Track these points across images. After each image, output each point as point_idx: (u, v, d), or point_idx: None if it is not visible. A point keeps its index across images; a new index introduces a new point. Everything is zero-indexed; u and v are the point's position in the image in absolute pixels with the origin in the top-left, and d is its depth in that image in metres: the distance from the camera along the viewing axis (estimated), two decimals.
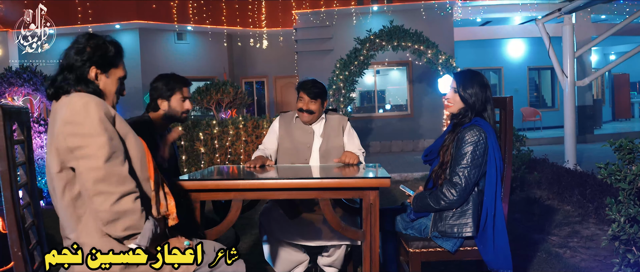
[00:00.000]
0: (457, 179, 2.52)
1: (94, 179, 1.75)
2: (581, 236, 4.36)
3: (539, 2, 14.39)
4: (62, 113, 1.81)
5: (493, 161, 2.54)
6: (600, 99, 18.84)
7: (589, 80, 8.22)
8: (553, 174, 6.28)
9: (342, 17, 13.87)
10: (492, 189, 2.55)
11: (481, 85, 2.63)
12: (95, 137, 1.77)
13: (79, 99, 1.81)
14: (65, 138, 1.78)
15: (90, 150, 1.76)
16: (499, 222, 2.55)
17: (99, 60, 1.95)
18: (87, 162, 1.76)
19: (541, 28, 7.72)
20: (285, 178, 2.48)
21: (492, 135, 2.56)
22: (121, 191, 1.78)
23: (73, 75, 1.91)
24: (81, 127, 1.77)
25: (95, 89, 1.93)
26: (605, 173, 2.58)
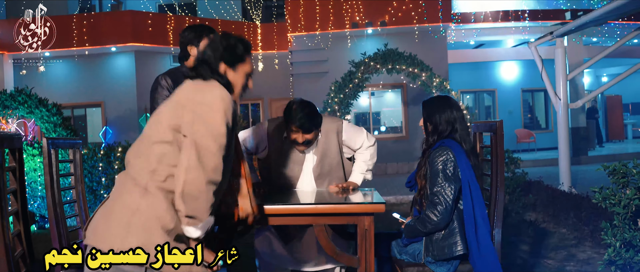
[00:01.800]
0: (437, 199, 2.54)
1: (199, 156, 1.90)
2: (577, 259, 4.33)
3: (531, 25, 14.56)
4: (199, 90, 2.04)
5: (465, 178, 2.56)
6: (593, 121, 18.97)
7: (582, 102, 8.27)
8: (548, 196, 6.27)
9: (337, 40, 13.97)
10: (469, 206, 2.55)
11: (445, 109, 2.69)
12: (216, 125, 1.96)
13: (219, 90, 2.04)
14: (193, 109, 1.98)
15: (209, 132, 1.94)
16: (482, 239, 2.53)
17: (227, 58, 2.16)
18: (202, 140, 1.93)
19: (534, 51, 7.79)
20: (280, 204, 2.46)
21: (460, 153, 2.60)
22: (213, 178, 1.93)
23: (208, 68, 2.14)
24: (210, 110, 1.97)
25: (226, 81, 2.15)
26: (600, 197, 2.58)
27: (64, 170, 5.10)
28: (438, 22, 13.65)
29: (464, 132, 2.69)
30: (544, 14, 14.59)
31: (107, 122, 14.41)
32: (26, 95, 6.87)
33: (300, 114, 2.95)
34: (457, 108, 2.72)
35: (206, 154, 1.92)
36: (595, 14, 6.97)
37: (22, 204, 2.07)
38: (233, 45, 2.19)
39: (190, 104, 2.00)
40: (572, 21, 7.76)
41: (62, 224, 2.80)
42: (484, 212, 2.56)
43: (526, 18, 14.40)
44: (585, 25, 7.58)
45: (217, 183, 1.96)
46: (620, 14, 7.32)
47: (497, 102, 17.51)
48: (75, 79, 14.71)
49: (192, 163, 1.90)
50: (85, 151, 6.83)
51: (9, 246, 1.83)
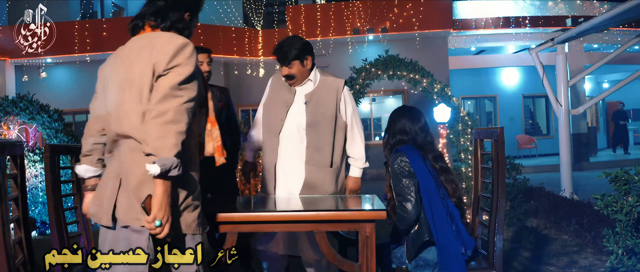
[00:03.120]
0: (402, 197, 2.66)
1: (163, 95, 1.86)
2: (580, 266, 4.32)
3: (532, 31, 14.58)
4: (168, 43, 1.95)
5: (421, 178, 2.67)
6: (595, 127, 18.94)
7: (583, 108, 8.27)
8: (549, 203, 6.26)
9: (338, 46, 13.99)
10: (427, 204, 2.65)
11: (400, 119, 2.86)
12: (186, 67, 1.93)
13: (182, 39, 1.99)
14: (165, 64, 1.91)
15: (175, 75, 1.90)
16: (441, 235, 2.61)
17: (192, 7, 2.17)
18: (165, 82, 1.89)
19: (535, 57, 7.80)
20: (281, 211, 2.46)
21: (414, 155, 2.72)
22: (176, 120, 1.85)
23: (173, 13, 2.10)
24: (180, 58, 1.93)
25: (189, 32, 2.16)
26: (602, 204, 2.58)
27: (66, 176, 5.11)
28: (439, 28, 13.68)
29: (423, 140, 2.82)
30: (545, 21, 14.62)
31: None
32: (28, 101, 6.88)
33: (280, 44, 2.99)
34: (415, 119, 2.85)
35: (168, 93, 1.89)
36: (596, 21, 6.98)
37: (23, 210, 2.07)
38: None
39: (164, 56, 1.94)
40: (573, 28, 7.77)
41: (63, 230, 2.80)
42: (439, 207, 2.65)
43: (527, 24, 14.43)
44: (586, 31, 7.59)
45: (184, 124, 1.88)
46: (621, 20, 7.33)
47: (498, 108, 17.50)
48: (77, 85, 14.73)
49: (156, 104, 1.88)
50: None
51: (10, 252, 1.83)
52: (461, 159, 7.08)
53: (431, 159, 2.80)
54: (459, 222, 2.70)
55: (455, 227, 2.67)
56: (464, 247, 2.63)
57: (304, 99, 3.07)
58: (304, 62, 3.05)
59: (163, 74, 1.93)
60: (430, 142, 2.85)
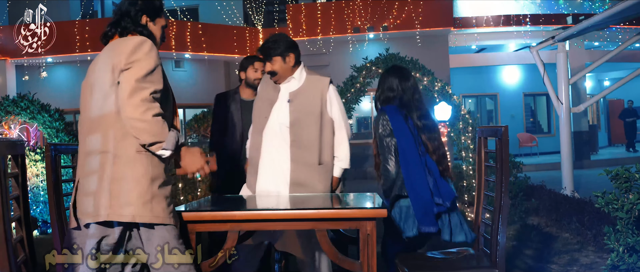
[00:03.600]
0: (383, 156, 2.94)
1: (128, 86, 2.04)
2: (581, 264, 4.32)
3: (532, 29, 14.57)
4: (125, 44, 2.14)
5: (398, 136, 2.89)
6: (596, 125, 18.93)
7: (584, 106, 8.26)
8: (551, 201, 6.25)
9: (339, 45, 13.99)
10: (403, 160, 2.86)
11: (386, 79, 3.10)
12: (144, 63, 2.10)
13: (139, 38, 2.18)
14: (125, 60, 2.09)
15: (135, 70, 2.08)
16: (414, 182, 2.80)
17: (148, 10, 2.31)
18: (129, 77, 2.06)
19: (535, 55, 7.79)
20: (282, 209, 2.47)
21: (395, 114, 2.94)
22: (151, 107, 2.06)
23: (130, 20, 2.27)
24: (136, 55, 2.10)
25: (148, 33, 2.29)
26: (603, 202, 2.58)
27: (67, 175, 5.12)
28: (440, 26, 13.68)
29: (410, 99, 3.02)
30: (546, 19, 14.60)
31: None
32: (28, 100, 6.89)
33: (263, 42, 3.14)
34: (403, 78, 3.06)
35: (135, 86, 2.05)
36: (597, 18, 6.98)
37: (25, 210, 2.07)
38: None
39: (123, 56, 2.11)
40: (574, 25, 7.77)
41: (64, 229, 2.81)
42: (414, 162, 2.84)
43: (528, 22, 14.42)
44: (587, 29, 7.58)
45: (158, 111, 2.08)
46: (622, 18, 7.31)
47: (499, 106, 17.50)
48: (78, 84, 14.57)
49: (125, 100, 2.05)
50: None
51: (11, 251, 1.83)
52: (462, 157, 7.08)
53: (416, 117, 2.96)
54: (437, 177, 2.86)
55: (433, 181, 2.83)
56: (441, 198, 2.78)
57: (288, 97, 3.09)
58: (286, 59, 3.07)
59: (125, 68, 2.09)
60: (417, 100, 3.03)
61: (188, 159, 2.26)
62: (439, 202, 2.78)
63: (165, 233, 2.14)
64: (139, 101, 2.03)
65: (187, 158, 2.26)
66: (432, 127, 2.99)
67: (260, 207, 2.66)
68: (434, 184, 2.81)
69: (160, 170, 2.16)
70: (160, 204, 2.11)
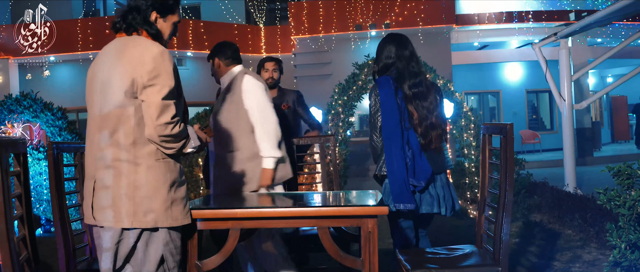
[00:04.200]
0: (371, 128, 3.03)
1: (156, 107, 2.10)
2: (583, 261, 4.32)
3: (535, 26, 14.53)
4: (138, 52, 2.14)
5: (384, 112, 2.91)
6: (598, 122, 18.88)
7: (586, 103, 8.24)
8: (553, 197, 6.24)
9: (341, 42, 13.98)
10: (386, 138, 2.90)
11: (387, 44, 3.07)
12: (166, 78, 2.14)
13: (156, 47, 2.16)
14: (142, 75, 2.11)
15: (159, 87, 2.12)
16: (392, 162, 2.87)
17: (159, 7, 2.26)
18: (153, 95, 2.11)
19: (538, 52, 7.77)
20: (284, 207, 2.47)
21: (385, 85, 2.94)
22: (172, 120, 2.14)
23: (140, 16, 2.22)
24: (157, 70, 2.12)
25: (156, 31, 2.26)
26: (605, 199, 2.57)
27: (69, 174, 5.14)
28: (442, 23, 13.66)
29: (405, 67, 3.00)
30: (548, 15, 14.56)
31: None
32: (31, 99, 6.90)
33: None
34: (400, 45, 3.03)
35: (159, 105, 2.11)
36: (600, 15, 6.95)
37: (27, 208, 2.08)
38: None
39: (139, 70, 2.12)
40: (577, 22, 7.75)
41: (67, 228, 2.82)
42: (396, 139, 2.87)
43: (530, 19, 14.38)
44: (590, 26, 7.56)
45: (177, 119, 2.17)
46: (625, 14, 7.29)
47: (501, 103, 17.47)
48: (80, 83, 14.72)
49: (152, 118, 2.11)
50: None
51: (14, 250, 1.84)
52: (464, 154, 7.07)
53: (407, 86, 2.95)
54: (416, 154, 2.89)
55: (410, 158, 2.88)
56: (415, 179, 2.86)
57: (221, 95, 3.39)
58: (218, 59, 3.41)
59: (148, 85, 2.12)
60: (412, 67, 3.00)
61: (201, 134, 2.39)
62: (413, 183, 2.86)
63: (166, 236, 2.22)
64: (169, 119, 2.13)
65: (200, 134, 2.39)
66: (422, 95, 2.98)
67: (262, 205, 2.66)
68: (411, 164, 2.87)
69: (176, 174, 2.25)
70: (178, 207, 2.23)
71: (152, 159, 2.17)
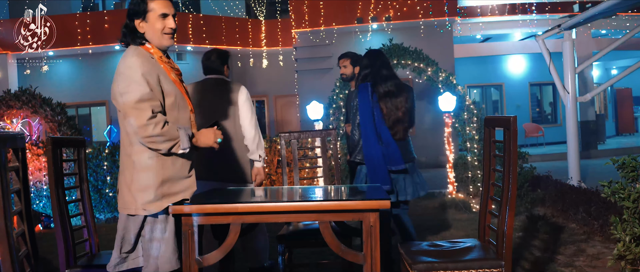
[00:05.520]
0: (352, 124, 3.79)
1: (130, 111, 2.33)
2: (587, 254, 4.31)
3: (538, 18, 14.47)
4: (118, 65, 2.40)
5: (360, 111, 3.65)
6: (603, 114, 18.83)
7: (591, 95, 8.22)
8: (557, 191, 6.24)
9: (342, 36, 13.95)
10: (363, 131, 3.63)
11: (364, 59, 3.87)
12: (136, 85, 2.33)
13: (129, 58, 2.38)
14: (118, 84, 2.36)
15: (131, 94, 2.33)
16: (368, 151, 3.60)
17: (135, 13, 2.45)
18: (128, 102, 2.33)
19: (541, 44, 7.74)
20: (285, 201, 2.46)
21: (364, 92, 3.67)
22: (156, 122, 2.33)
23: (128, 30, 2.47)
24: (128, 79, 2.34)
25: (140, 38, 2.46)
26: (609, 192, 2.57)
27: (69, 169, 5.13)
28: (444, 16, 13.61)
29: (377, 72, 3.73)
30: (552, 6, 14.50)
31: (111, 121, 14.47)
32: (30, 94, 6.90)
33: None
34: (374, 57, 3.80)
35: (131, 110, 2.33)
36: (604, 6, 6.92)
37: (26, 203, 2.08)
38: (134, 1, 2.46)
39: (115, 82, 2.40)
40: (581, 13, 7.71)
41: (66, 224, 2.82)
42: (370, 133, 3.60)
43: (533, 11, 14.32)
44: (594, 17, 7.52)
45: (157, 120, 2.34)
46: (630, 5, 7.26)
47: (504, 96, 17.44)
48: (79, 78, 14.77)
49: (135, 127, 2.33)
50: (89, 150, 6.86)
51: (13, 245, 1.84)
52: (467, 148, 7.07)
53: (380, 88, 3.67)
54: (391, 145, 3.58)
55: (384, 148, 3.57)
56: (390, 164, 3.56)
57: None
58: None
59: (122, 93, 2.35)
60: (384, 72, 3.73)
61: (202, 138, 2.54)
62: (395, 168, 3.57)
63: (158, 224, 2.47)
64: (146, 121, 2.31)
65: (201, 138, 2.54)
66: (392, 94, 3.67)
67: (263, 199, 2.66)
68: (386, 152, 3.57)
69: (173, 171, 2.46)
70: (170, 200, 2.45)
71: (145, 158, 2.41)
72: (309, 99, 8.21)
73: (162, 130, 2.35)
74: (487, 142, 2.95)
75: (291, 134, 3.98)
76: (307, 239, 3.50)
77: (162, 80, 2.44)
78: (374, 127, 3.58)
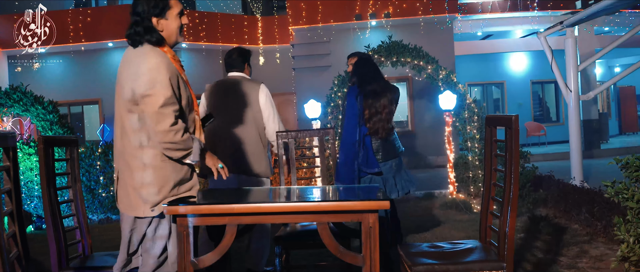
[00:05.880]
0: (341, 127, 4.22)
1: (153, 116, 2.35)
2: (590, 256, 4.32)
3: (540, 15, 14.48)
4: (136, 64, 2.40)
5: (346, 114, 4.05)
6: (606, 113, 18.86)
7: (593, 94, 8.23)
8: (559, 191, 6.25)
9: (340, 33, 13.94)
10: (345, 133, 4.03)
11: (355, 68, 4.16)
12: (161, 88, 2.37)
13: (153, 58, 2.39)
14: (139, 86, 2.36)
15: (155, 97, 2.35)
16: (343, 151, 4.02)
17: (154, 10, 2.45)
18: (151, 105, 2.35)
19: (543, 41, 7.75)
20: (282, 202, 2.46)
21: (351, 95, 4.04)
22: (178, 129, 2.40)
23: (141, 27, 2.44)
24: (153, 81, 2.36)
25: (158, 37, 2.46)
26: (612, 192, 2.57)
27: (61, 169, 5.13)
28: (444, 12, 13.61)
29: (362, 79, 4.06)
30: (554, 3, 14.51)
31: (104, 119, 14.44)
32: (21, 92, 6.88)
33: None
34: (360, 66, 4.11)
35: (157, 114, 2.35)
36: (607, 2, 6.93)
37: (17, 204, 2.07)
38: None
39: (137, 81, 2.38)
40: (583, 10, 7.72)
41: (59, 225, 2.81)
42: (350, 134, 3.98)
43: (535, 7, 14.33)
44: (597, 14, 7.53)
45: (180, 127, 2.41)
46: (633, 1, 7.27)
47: (506, 94, 17.45)
48: (72, 75, 14.73)
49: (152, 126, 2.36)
50: (82, 150, 6.85)
51: (3, 247, 1.83)
52: (467, 147, 7.07)
53: (364, 89, 4.01)
54: (369, 149, 3.93)
55: (364, 152, 3.91)
56: (370, 167, 3.91)
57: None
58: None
59: (146, 95, 2.35)
60: (370, 77, 4.06)
61: (208, 159, 2.65)
62: (370, 171, 3.93)
63: (164, 223, 2.55)
64: (168, 127, 2.37)
65: (208, 158, 2.65)
66: (376, 95, 3.99)
67: (260, 200, 2.66)
68: (364, 154, 3.92)
69: (182, 173, 2.54)
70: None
71: (158, 161, 2.46)
72: (306, 98, 8.22)
73: (182, 139, 2.42)
74: (488, 141, 2.95)
75: (288, 133, 3.97)
76: (304, 240, 3.49)
77: (180, 82, 2.50)
78: (357, 129, 3.94)
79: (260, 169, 3.88)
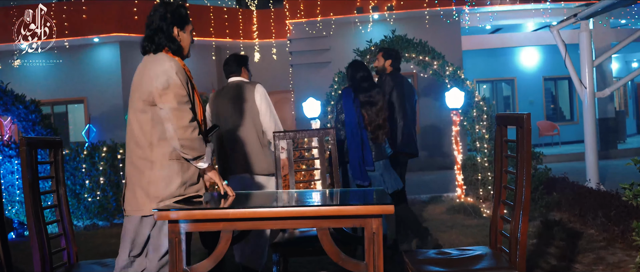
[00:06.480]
0: (339, 127, 4.45)
1: (172, 111, 2.62)
2: (607, 263, 4.32)
3: (552, 7, 14.48)
4: (154, 67, 2.69)
5: (345, 114, 4.38)
6: (623, 111, 18.87)
7: (610, 90, 8.24)
8: (574, 194, 6.25)
9: (340, 27, 13.94)
10: (348, 133, 4.35)
11: (349, 71, 4.59)
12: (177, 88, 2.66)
13: (168, 62, 2.69)
14: (157, 87, 2.64)
15: (174, 94, 2.64)
16: (351, 150, 4.35)
17: (177, 21, 2.79)
18: (170, 101, 2.63)
19: (556, 35, 7.76)
20: (280, 207, 2.46)
21: (347, 96, 4.40)
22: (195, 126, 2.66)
23: (164, 35, 2.75)
24: (169, 81, 2.65)
25: (177, 46, 2.80)
26: (631, 194, 2.57)
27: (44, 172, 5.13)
28: (451, 5, 13.61)
29: (358, 84, 4.45)
30: None
31: (90, 119, 14.43)
32: (1, 91, 6.88)
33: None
34: (354, 70, 4.53)
35: (176, 112, 2.63)
36: None
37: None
38: (178, 9, 2.80)
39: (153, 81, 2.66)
40: (598, 1, 7.72)
41: (42, 231, 2.81)
42: (354, 135, 4.31)
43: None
44: (613, 5, 7.54)
45: (195, 127, 2.66)
46: None
47: (516, 91, 17.46)
48: (55, 73, 14.71)
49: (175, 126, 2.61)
50: (67, 151, 6.84)
51: None
52: (476, 148, 7.07)
53: (362, 97, 4.38)
54: (366, 148, 4.34)
55: (365, 150, 4.32)
56: (366, 165, 4.33)
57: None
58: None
59: (163, 95, 2.63)
60: (364, 85, 4.44)
61: (213, 174, 2.82)
62: (368, 168, 4.35)
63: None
64: (188, 123, 2.63)
65: (213, 174, 2.82)
66: (372, 103, 4.39)
67: (256, 204, 2.66)
68: (365, 153, 4.33)
69: (189, 175, 2.74)
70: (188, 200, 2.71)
71: (166, 159, 2.68)
72: (305, 96, 8.21)
73: (198, 137, 2.67)
74: (498, 141, 2.96)
75: (286, 133, 3.97)
76: (304, 247, 3.50)
77: (189, 89, 2.76)
78: (358, 129, 4.33)
79: (261, 167, 4.14)
